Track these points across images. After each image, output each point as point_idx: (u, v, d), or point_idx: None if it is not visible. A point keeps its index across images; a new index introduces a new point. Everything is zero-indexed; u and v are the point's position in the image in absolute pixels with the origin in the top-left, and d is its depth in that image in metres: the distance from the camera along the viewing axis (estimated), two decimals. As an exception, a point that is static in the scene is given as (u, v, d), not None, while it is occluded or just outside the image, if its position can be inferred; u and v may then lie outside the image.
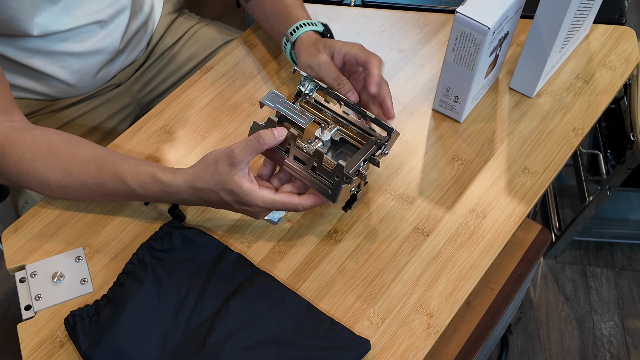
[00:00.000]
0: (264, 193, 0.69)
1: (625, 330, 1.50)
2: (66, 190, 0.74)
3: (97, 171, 0.73)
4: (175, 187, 0.71)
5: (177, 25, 1.09)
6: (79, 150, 0.74)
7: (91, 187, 0.73)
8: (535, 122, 0.88)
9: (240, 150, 0.67)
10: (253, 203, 0.69)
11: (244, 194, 0.69)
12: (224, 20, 1.20)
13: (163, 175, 0.71)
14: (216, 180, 0.69)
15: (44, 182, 0.74)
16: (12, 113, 0.76)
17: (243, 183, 0.68)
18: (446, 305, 0.72)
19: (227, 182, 0.68)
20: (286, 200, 0.71)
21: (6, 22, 0.81)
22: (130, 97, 1.05)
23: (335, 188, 0.71)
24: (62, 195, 0.76)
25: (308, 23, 0.85)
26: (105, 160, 0.73)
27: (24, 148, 0.73)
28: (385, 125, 0.74)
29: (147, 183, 0.71)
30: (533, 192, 0.81)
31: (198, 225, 0.79)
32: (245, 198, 0.69)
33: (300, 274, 0.75)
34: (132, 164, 0.73)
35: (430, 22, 1.01)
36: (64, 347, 0.70)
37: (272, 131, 0.70)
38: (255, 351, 0.67)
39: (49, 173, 0.73)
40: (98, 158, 0.74)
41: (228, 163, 0.68)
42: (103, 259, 0.76)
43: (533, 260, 1.00)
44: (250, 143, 0.68)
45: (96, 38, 0.92)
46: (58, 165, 0.73)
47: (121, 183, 0.72)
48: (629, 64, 0.95)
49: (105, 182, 0.73)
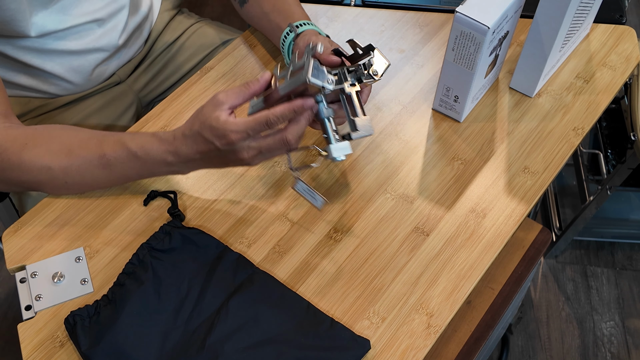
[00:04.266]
0: (241, 120, 0.66)
1: (625, 330, 1.50)
2: (68, 172, 0.74)
3: (97, 145, 0.73)
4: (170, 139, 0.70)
5: (176, 24, 1.09)
6: (79, 133, 0.76)
7: (93, 161, 0.73)
8: (536, 121, 0.88)
9: (225, 93, 0.67)
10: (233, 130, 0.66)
11: (220, 125, 0.66)
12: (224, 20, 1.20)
13: (162, 134, 0.72)
14: (200, 121, 0.68)
15: (46, 166, 0.73)
16: (11, 118, 0.77)
17: (220, 115, 0.66)
18: (446, 305, 0.72)
19: (207, 118, 0.67)
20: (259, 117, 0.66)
21: (5, 23, 0.81)
22: (132, 95, 1.05)
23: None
24: (63, 179, 0.75)
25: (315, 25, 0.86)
26: (106, 135, 0.75)
27: (27, 139, 0.74)
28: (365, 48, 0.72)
29: (146, 142, 0.71)
30: (533, 191, 0.81)
31: (198, 225, 0.79)
32: (222, 130, 0.66)
33: (300, 274, 0.75)
34: (133, 133, 0.75)
35: (430, 22, 1.01)
36: (64, 347, 0.70)
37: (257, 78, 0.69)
38: (255, 351, 0.67)
39: (51, 156, 0.73)
40: (98, 134, 0.75)
41: (212, 104, 0.68)
42: (103, 259, 0.76)
43: (533, 260, 1.00)
44: (236, 88, 0.68)
45: (94, 36, 0.93)
46: (60, 146, 0.74)
47: (122, 148, 0.72)
48: (629, 64, 0.95)
49: (106, 152, 0.73)
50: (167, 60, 1.08)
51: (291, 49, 0.86)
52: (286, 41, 0.86)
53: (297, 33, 0.84)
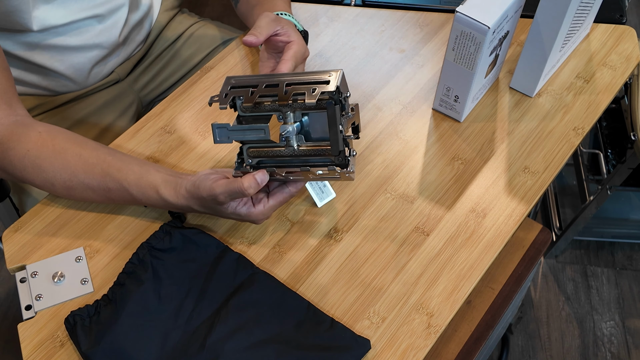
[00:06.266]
0: (260, 209, 0.72)
1: (625, 329, 1.50)
2: (71, 191, 0.75)
3: (102, 177, 0.74)
4: (178, 206, 0.73)
5: (176, 24, 1.09)
6: (84, 152, 0.75)
7: (97, 191, 0.75)
8: (536, 121, 0.88)
9: (224, 196, 0.69)
10: (253, 220, 0.73)
11: (242, 218, 0.73)
12: (224, 20, 1.20)
13: (165, 193, 0.73)
14: (212, 209, 0.72)
15: (49, 181, 0.74)
16: (15, 107, 0.77)
17: (239, 211, 0.72)
18: (446, 304, 0.72)
19: (222, 212, 0.72)
20: (281, 198, 0.73)
21: (9, 14, 0.82)
22: (132, 95, 1.06)
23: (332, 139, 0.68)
24: (66, 195, 0.76)
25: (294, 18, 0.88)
26: (111, 166, 0.74)
27: (29, 145, 0.74)
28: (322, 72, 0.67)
29: (151, 197, 0.73)
30: (533, 191, 0.81)
31: (198, 225, 0.79)
32: (245, 219, 0.73)
33: (301, 273, 0.75)
34: (137, 174, 0.73)
35: (431, 22, 1.01)
36: (64, 347, 0.70)
37: (254, 178, 0.68)
38: (255, 351, 0.67)
39: (54, 172, 0.74)
40: (103, 162, 0.74)
41: (216, 203, 0.70)
42: (103, 259, 0.76)
43: (534, 259, 1.00)
44: (234, 192, 0.68)
45: (94, 32, 0.93)
46: (63, 165, 0.74)
47: (126, 193, 0.74)
48: (629, 63, 0.95)
49: (110, 188, 0.74)
50: (167, 59, 1.08)
51: None
52: None
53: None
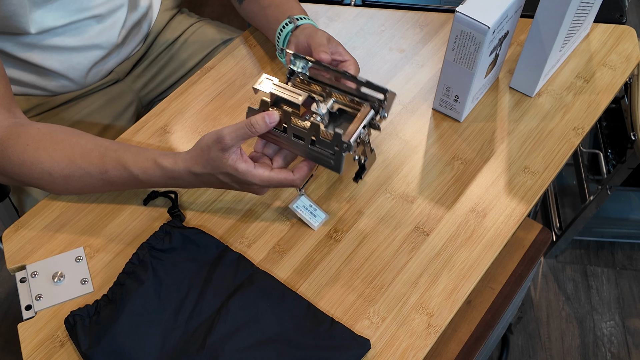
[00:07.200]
0: (260, 172, 0.70)
1: (625, 329, 1.50)
2: (69, 180, 0.74)
3: (100, 159, 0.74)
4: (176, 172, 0.72)
5: (176, 23, 1.09)
6: (81, 140, 0.75)
7: (94, 175, 0.74)
8: (536, 121, 0.88)
9: (230, 137, 0.68)
10: (251, 182, 0.71)
11: (240, 174, 0.70)
12: (224, 20, 1.20)
13: (164, 161, 0.72)
14: (212, 165, 0.70)
15: (46, 171, 0.74)
16: (14, 111, 0.77)
17: (237, 165, 0.69)
18: (446, 304, 0.72)
19: (221, 166, 0.69)
20: (282, 177, 0.71)
21: (6, 18, 0.82)
22: (131, 95, 1.06)
23: (336, 158, 0.70)
24: (64, 185, 0.75)
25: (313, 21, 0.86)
26: (108, 149, 0.74)
27: (28, 140, 0.74)
28: (379, 87, 0.72)
29: (149, 169, 0.72)
30: (533, 191, 0.81)
31: (198, 225, 0.79)
32: (242, 178, 0.70)
33: (300, 273, 0.75)
34: (134, 151, 0.74)
35: (430, 22, 1.01)
36: (64, 347, 0.70)
37: (263, 117, 0.69)
38: (255, 351, 0.67)
39: (52, 162, 0.74)
40: (100, 147, 0.75)
41: (219, 148, 0.68)
42: (103, 258, 0.76)
43: (534, 259, 1.00)
44: (241, 130, 0.68)
45: (93, 32, 0.93)
46: (61, 154, 0.74)
47: (124, 169, 0.73)
48: (629, 63, 0.95)
49: (108, 169, 0.73)
50: (167, 59, 1.08)
51: (287, 39, 0.86)
52: (284, 31, 0.86)
53: (297, 25, 0.84)
